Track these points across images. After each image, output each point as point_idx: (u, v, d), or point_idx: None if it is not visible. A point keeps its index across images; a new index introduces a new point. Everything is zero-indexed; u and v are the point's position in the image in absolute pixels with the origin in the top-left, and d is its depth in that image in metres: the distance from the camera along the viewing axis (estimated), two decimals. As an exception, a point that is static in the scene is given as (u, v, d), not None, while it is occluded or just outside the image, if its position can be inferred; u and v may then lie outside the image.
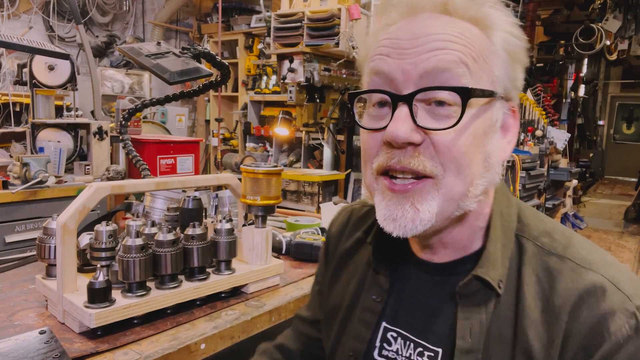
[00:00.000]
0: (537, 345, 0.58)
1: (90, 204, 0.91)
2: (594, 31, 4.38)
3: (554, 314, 0.58)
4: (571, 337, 0.57)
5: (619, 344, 0.55)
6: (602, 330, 0.55)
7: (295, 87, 4.16)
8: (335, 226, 0.90)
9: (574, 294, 0.58)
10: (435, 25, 0.59)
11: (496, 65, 0.61)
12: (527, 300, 0.60)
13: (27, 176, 2.45)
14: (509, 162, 2.75)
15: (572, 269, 0.60)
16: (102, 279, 0.87)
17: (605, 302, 0.57)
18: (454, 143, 0.58)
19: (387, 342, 0.70)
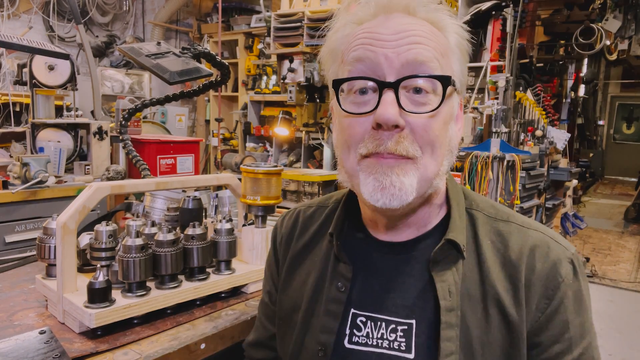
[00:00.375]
0: (504, 295, 0.69)
1: (90, 204, 0.91)
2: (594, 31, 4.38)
3: (513, 267, 0.70)
4: (532, 285, 0.69)
5: (569, 285, 0.69)
6: (556, 275, 0.69)
7: (295, 87, 4.16)
8: (282, 231, 0.90)
9: (526, 249, 0.71)
10: (409, 23, 0.67)
11: (454, 61, 0.71)
12: (487, 260, 0.71)
13: (27, 176, 2.45)
14: (509, 161, 2.76)
15: (518, 230, 0.73)
16: (102, 279, 0.87)
17: (552, 253, 0.70)
18: (430, 127, 0.66)
19: (357, 327, 0.73)
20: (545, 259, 0.69)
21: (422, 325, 0.70)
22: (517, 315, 0.68)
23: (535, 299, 0.68)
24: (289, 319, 0.82)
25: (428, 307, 0.70)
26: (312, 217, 0.88)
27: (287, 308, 0.83)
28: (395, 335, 0.70)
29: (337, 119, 0.72)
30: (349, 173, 0.70)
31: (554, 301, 0.68)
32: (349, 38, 0.70)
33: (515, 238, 0.72)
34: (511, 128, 2.98)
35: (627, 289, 4.56)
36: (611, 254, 5.67)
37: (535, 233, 0.72)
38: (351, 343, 0.73)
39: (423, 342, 0.69)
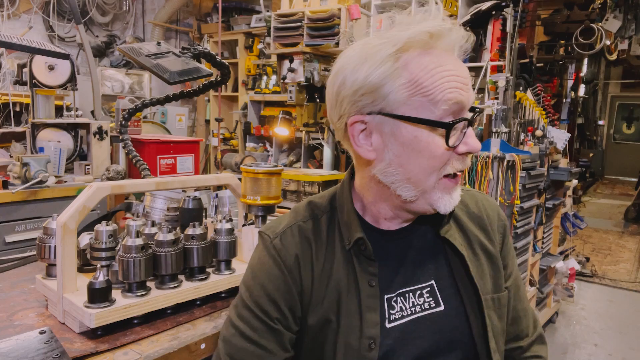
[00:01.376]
0: (482, 237, 0.93)
1: (90, 204, 0.91)
2: (594, 31, 4.38)
3: (478, 217, 0.95)
4: (493, 225, 0.96)
5: (506, 224, 0.99)
6: (501, 217, 0.98)
7: (295, 87, 4.16)
8: (292, 251, 0.86)
9: (479, 203, 0.97)
10: (460, 64, 0.79)
11: None
12: (461, 218, 0.93)
13: (27, 176, 2.45)
14: (508, 161, 2.75)
15: (465, 193, 0.95)
16: (102, 279, 0.87)
17: (492, 203, 1.00)
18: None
19: (391, 307, 0.84)
20: (491, 207, 0.98)
21: (442, 281, 0.87)
22: (493, 248, 0.93)
23: (497, 235, 0.95)
24: (326, 330, 0.83)
25: (440, 264, 0.88)
26: (315, 230, 0.88)
27: (323, 320, 0.84)
28: (423, 299, 0.85)
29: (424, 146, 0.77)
30: (424, 190, 0.80)
31: (505, 236, 0.97)
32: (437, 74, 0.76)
33: (467, 198, 0.96)
34: (511, 128, 2.98)
35: (627, 289, 4.56)
36: (611, 254, 5.67)
37: (475, 192, 1.00)
38: (390, 322, 0.83)
39: (447, 293, 0.86)
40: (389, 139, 0.78)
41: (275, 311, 0.84)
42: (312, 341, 0.86)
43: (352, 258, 0.84)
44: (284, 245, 0.86)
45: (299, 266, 0.85)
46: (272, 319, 0.84)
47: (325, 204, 0.91)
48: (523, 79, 3.59)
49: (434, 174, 0.79)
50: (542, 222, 3.30)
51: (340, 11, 3.65)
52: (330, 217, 0.89)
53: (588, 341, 3.48)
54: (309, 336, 0.86)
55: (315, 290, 0.84)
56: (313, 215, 0.90)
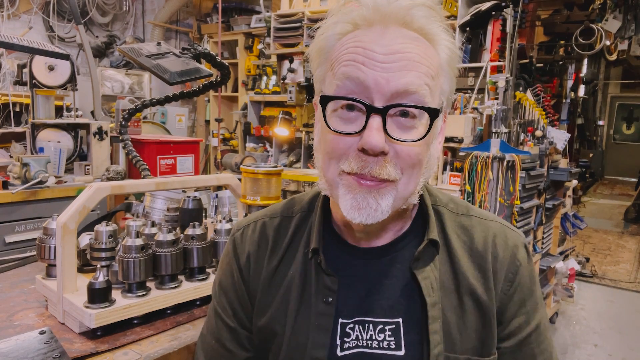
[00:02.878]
0: (476, 283, 0.74)
1: (90, 204, 0.92)
2: (594, 31, 4.38)
3: (481, 257, 0.76)
4: (498, 271, 0.75)
5: (525, 268, 0.77)
6: (515, 260, 0.76)
7: (295, 87, 4.16)
8: (248, 248, 0.82)
9: (489, 239, 0.77)
10: (403, 42, 0.66)
11: (444, 81, 0.71)
12: (456, 253, 0.76)
13: (27, 176, 2.45)
14: (508, 162, 2.76)
15: (478, 222, 0.79)
16: (102, 279, 0.87)
17: (510, 241, 0.78)
18: (414, 152, 0.67)
19: (346, 335, 0.74)
20: (506, 246, 0.77)
21: (409, 323, 0.73)
22: (488, 299, 0.74)
23: (500, 283, 0.75)
24: (270, 340, 0.78)
25: (412, 304, 0.73)
26: (279, 230, 0.82)
27: (266, 329, 0.78)
28: (383, 335, 0.72)
29: (321, 127, 0.71)
30: (329, 183, 0.71)
31: (515, 283, 0.76)
32: (340, 42, 0.69)
33: (478, 230, 0.78)
34: (511, 128, 2.98)
35: (627, 289, 4.56)
36: (611, 254, 5.67)
37: (493, 223, 0.79)
38: (343, 350, 0.73)
39: (412, 338, 0.72)
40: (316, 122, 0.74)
41: (229, 308, 0.82)
42: (258, 348, 0.81)
43: (312, 268, 0.76)
44: (243, 240, 0.83)
45: (249, 265, 0.81)
46: (228, 315, 0.82)
47: (305, 203, 0.84)
48: (523, 79, 3.59)
49: (332, 163, 0.69)
50: (542, 222, 3.30)
51: (340, 11, 3.63)
52: (304, 217, 0.82)
53: (588, 341, 3.48)
54: (257, 341, 0.81)
55: (263, 294, 0.79)
56: (286, 212, 0.84)
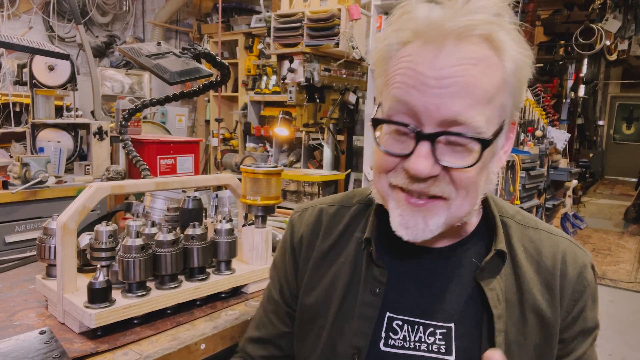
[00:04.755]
0: (541, 300, 0.72)
1: (90, 204, 0.91)
2: (594, 31, 4.38)
3: (549, 273, 0.74)
4: (564, 288, 0.73)
5: (591, 288, 0.76)
6: (583, 280, 0.75)
7: (295, 87, 4.16)
8: (303, 229, 0.86)
9: (559, 255, 0.75)
10: (459, 63, 0.61)
11: (506, 96, 0.66)
12: (522, 266, 0.73)
13: (27, 176, 2.45)
14: (508, 162, 2.76)
15: (547, 237, 0.77)
16: (102, 279, 0.87)
17: (579, 260, 0.76)
18: (467, 176, 0.65)
19: (393, 331, 0.73)
20: (575, 265, 0.75)
21: (463, 329, 0.71)
22: (553, 316, 0.72)
23: (565, 301, 0.74)
24: (313, 321, 0.80)
25: (471, 312, 0.72)
26: (335, 217, 0.85)
27: (311, 310, 0.81)
28: (434, 339, 0.71)
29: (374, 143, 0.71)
30: (381, 194, 0.72)
31: (580, 302, 0.74)
32: (398, 53, 0.66)
33: (547, 245, 0.76)
34: (511, 128, 2.98)
35: (627, 289, 4.56)
36: (611, 254, 5.67)
37: (562, 240, 0.78)
38: (387, 346, 0.73)
39: (464, 345, 0.71)
40: None
41: (277, 283, 0.89)
42: (300, 326, 0.84)
43: (363, 258, 0.78)
44: (300, 221, 0.88)
45: (301, 246, 0.85)
46: (275, 289, 0.89)
47: (365, 196, 0.85)
48: (523, 79, 3.59)
49: (382, 176, 0.70)
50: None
51: (340, 11, 3.65)
52: (362, 209, 0.84)
53: (588, 341, 3.48)
54: (299, 319, 0.84)
55: (310, 275, 0.82)
56: (344, 202, 0.87)
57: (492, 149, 0.66)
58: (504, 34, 0.64)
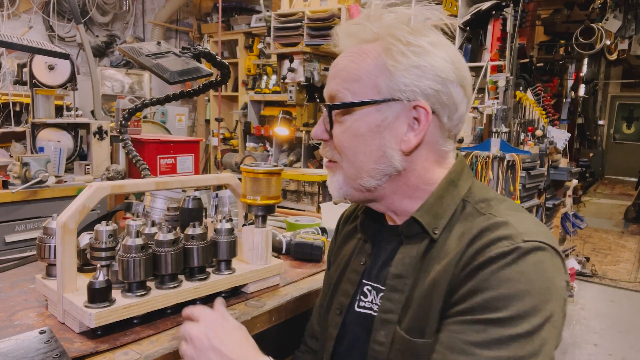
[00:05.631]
0: (437, 272, 0.74)
1: (90, 204, 0.91)
2: (594, 31, 4.38)
3: (462, 244, 0.73)
4: (462, 258, 0.71)
5: (490, 259, 0.67)
6: (483, 251, 0.69)
7: (296, 87, 4.16)
8: (344, 214, 1.06)
9: (478, 229, 0.73)
10: (342, 57, 0.83)
11: (380, 77, 0.78)
12: (450, 246, 0.75)
13: (27, 176, 2.45)
14: (508, 161, 2.76)
15: (487, 218, 0.75)
16: (102, 279, 0.87)
17: (496, 233, 0.70)
18: (339, 140, 0.82)
19: (364, 294, 0.88)
20: (487, 236, 0.71)
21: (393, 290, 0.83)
22: (448, 285, 0.72)
23: (458, 270, 0.71)
24: (327, 286, 0.99)
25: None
26: (354, 210, 1.03)
27: (330, 277, 0.99)
28: (382, 301, 0.83)
29: None
30: None
31: (471, 275, 0.69)
32: None
33: (478, 223, 0.74)
34: (511, 128, 2.98)
35: (627, 289, 4.56)
36: (611, 254, 5.67)
37: (498, 218, 0.73)
38: (359, 307, 0.87)
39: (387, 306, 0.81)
40: None
41: (329, 262, 1.06)
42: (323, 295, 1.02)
43: (362, 238, 0.94)
44: (346, 209, 1.07)
45: (337, 230, 1.05)
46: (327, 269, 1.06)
47: None
48: (523, 78, 3.59)
49: None
50: (542, 222, 3.30)
51: (340, 11, 3.65)
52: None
53: (588, 341, 3.48)
54: (324, 289, 1.02)
55: (336, 254, 1.01)
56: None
57: (363, 121, 0.79)
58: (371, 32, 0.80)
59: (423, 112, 0.77)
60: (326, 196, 4.24)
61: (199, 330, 0.80)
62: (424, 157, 0.81)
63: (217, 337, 0.79)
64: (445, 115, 0.79)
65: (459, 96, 0.80)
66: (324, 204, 1.93)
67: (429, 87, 0.77)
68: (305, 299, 1.14)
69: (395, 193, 0.83)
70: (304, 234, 1.46)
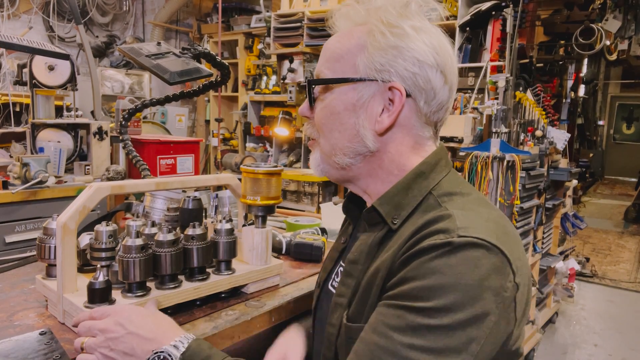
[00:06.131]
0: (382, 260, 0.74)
1: (90, 204, 0.91)
2: (594, 31, 4.38)
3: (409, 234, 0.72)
4: (403, 247, 0.71)
5: (422, 250, 0.67)
6: (421, 241, 0.68)
7: (295, 87, 4.16)
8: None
9: (424, 220, 0.71)
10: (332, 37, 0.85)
11: (359, 56, 0.79)
12: (402, 237, 0.73)
13: (27, 176, 2.45)
14: (508, 161, 2.76)
15: (438, 211, 0.73)
16: (102, 279, 0.87)
17: (436, 225, 0.69)
18: (317, 116, 0.85)
19: (337, 274, 0.91)
20: (427, 228, 0.69)
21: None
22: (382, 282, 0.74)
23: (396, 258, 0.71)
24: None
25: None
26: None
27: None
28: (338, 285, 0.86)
29: None
30: None
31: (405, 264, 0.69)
32: None
33: (428, 215, 0.73)
34: (511, 128, 2.98)
35: (627, 289, 4.56)
36: (611, 254, 5.67)
37: (444, 210, 0.71)
38: (331, 286, 0.91)
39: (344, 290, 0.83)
40: None
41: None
42: None
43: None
44: None
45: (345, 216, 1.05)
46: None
47: None
48: (523, 79, 3.59)
49: None
50: (542, 222, 3.30)
51: (340, 11, 3.63)
52: None
53: (588, 341, 3.48)
54: None
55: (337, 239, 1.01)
56: None
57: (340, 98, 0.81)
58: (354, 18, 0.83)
59: (398, 93, 0.77)
60: (326, 196, 4.24)
61: (108, 322, 0.78)
62: (399, 141, 0.80)
63: (131, 322, 0.78)
64: (422, 99, 0.78)
65: (438, 82, 0.78)
66: (324, 205, 1.93)
67: (405, 68, 0.77)
68: (305, 299, 1.14)
69: (370, 175, 0.84)
70: (304, 234, 1.46)
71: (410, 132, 0.81)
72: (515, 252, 0.68)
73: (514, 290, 0.66)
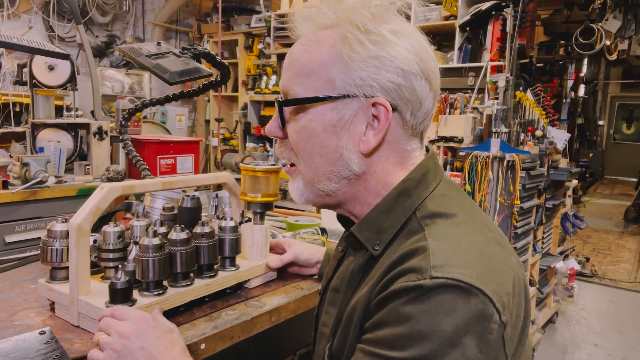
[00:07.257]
0: (360, 295, 0.69)
1: (103, 205, 0.91)
2: (594, 31, 4.38)
3: (386, 267, 0.66)
4: (379, 284, 0.65)
5: (394, 293, 0.61)
6: (394, 281, 0.62)
7: (295, 87, 4.14)
8: None
9: (400, 253, 0.65)
10: (297, 43, 0.76)
11: (335, 70, 0.70)
12: (384, 263, 0.67)
13: (27, 176, 2.45)
14: (508, 161, 2.76)
15: (416, 240, 0.66)
16: (123, 279, 0.87)
17: (410, 262, 0.62)
18: (293, 140, 0.75)
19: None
20: (403, 264, 0.63)
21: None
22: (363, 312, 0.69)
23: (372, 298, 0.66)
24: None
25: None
26: None
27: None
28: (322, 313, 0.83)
29: None
30: None
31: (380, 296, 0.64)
32: None
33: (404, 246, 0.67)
34: (511, 128, 2.98)
35: (627, 289, 4.56)
36: (611, 254, 5.67)
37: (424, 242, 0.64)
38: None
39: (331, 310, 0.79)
40: None
41: None
42: None
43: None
44: None
45: None
46: None
47: None
48: (523, 79, 3.59)
49: None
50: (542, 222, 3.30)
51: (340, 11, 3.63)
52: None
53: (588, 341, 3.48)
54: None
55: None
56: None
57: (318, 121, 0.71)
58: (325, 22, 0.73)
59: (383, 109, 0.69)
60: (326, 196, 4.23)
61: (127, 328, 0.77)
62: (385, 158, 0.73)
63: (146, 337, 0.76)
64: (408, 111, 0.71)
65: (423, 90, 0.70)
66: (324, 204, 1.92)
67: (389, 80, 0.68)
68: (305, 299, 1.14)
69: (356, 198, 0.76)
70: (304, 234, 1.47)
71: (397, 147, 0.73)
72: (502, 284, 0.62)
73: (501, 330, 0.59)
